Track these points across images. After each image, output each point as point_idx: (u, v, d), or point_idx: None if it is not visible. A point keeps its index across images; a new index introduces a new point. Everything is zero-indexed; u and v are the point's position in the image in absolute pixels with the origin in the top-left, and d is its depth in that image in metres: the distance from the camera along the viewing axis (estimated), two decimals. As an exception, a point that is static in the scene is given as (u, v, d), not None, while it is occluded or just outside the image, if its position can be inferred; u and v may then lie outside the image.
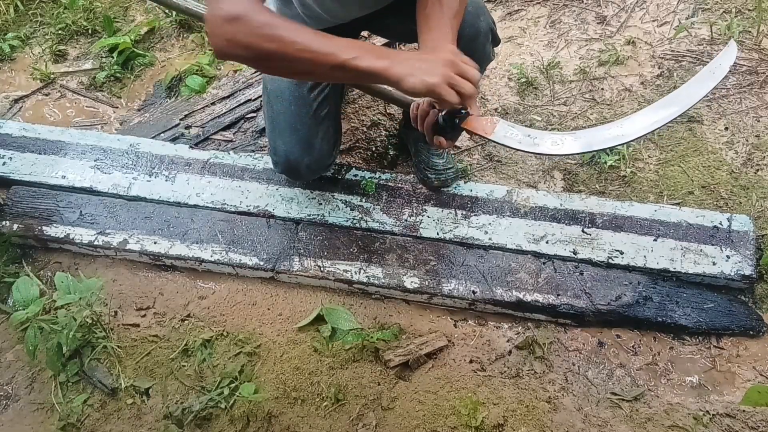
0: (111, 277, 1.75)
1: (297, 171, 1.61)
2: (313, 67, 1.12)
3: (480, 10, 1.50)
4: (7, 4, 2.46)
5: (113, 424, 1.53)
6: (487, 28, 1.52)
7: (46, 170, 1.86)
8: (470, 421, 1.46)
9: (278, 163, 1.61)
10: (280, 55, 1.10)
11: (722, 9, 2.19)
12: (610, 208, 1.69)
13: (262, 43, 1.08)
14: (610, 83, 2.07)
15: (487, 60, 1.62)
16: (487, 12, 1.53)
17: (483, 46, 1.53)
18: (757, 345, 1.55)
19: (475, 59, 1.56)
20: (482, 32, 1.50)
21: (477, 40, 1.50)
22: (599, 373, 1.55)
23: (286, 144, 1.55)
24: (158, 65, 2.31)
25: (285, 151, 1.56)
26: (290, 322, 1.65)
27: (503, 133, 1.22)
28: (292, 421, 1.50)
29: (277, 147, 1.57)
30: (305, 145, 1.55)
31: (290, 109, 1.53)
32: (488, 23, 1.52)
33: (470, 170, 1.89)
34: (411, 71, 1.12)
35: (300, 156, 1.56)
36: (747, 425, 1.43)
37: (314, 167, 1.60)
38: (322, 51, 1.10)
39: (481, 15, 1.50)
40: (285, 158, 1.57)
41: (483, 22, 1.50)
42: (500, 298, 1.60)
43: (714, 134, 1.90)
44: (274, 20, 1.10)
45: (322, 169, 1.67)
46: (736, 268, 1.58)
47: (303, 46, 1.09)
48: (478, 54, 1.53)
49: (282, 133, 1.55)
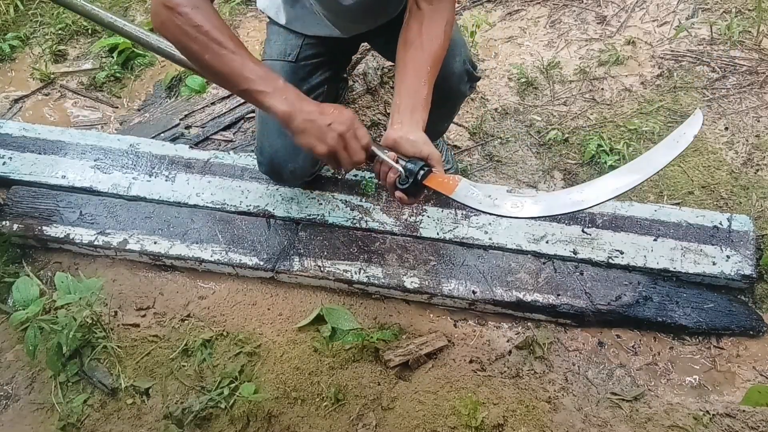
0: (111, 277, 1.75)
1: (279, 175, 1.61)
2: (223, 82, 1.17)
3: (457, 49, 1.47)
4: (7, 4, 2.47)
5: (113, 424, 1.53)
6: (462, 69, 1.50)
7: (46, 170, 1.86)
8: (470, 421, 1.46)
9: (262, 164, 1.61)
10: (197, 57, 1.14)
11: (722, 9, 2.19)
12: (610, 208, 1.69)
13: (185, 40, 1.12)
14: (610, 83, 2.07)
15: (462, 97, 1.62)
16: (465, 50, 1.51)
17: (457, 85, 1.52)
18: (757, 345, 1.55)
19: (450, 98, 1.58)
20: (456, 73, 1.49)
21: (450, 80, 1.48)
22: (599, 373, 1.55)
23: (273, 147, 1.55)
24: (158, 65, 2.31)
25: (270, 154, 1.56)
26: (290, 322, 1.65)
27: (464, 193, 1.22)
28: (292, 421, 1.50)
29: (264, 148, 1.57)
30: (291, 152, 1.54)
31: None
32: (464, 64, 1.50)
33: (470, 170, 1.89)
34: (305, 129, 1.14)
35: (284, 161, 1.55)
36: (747, 425, 1.43)
37: (298, 173, 1.60)
38: (235, 71, 1.13)
39: (458, 55, 1.47)
40: (269, 160, 1.57)
41: (458, 62, 1.48)
42: (500, 298, 1.60)
43: (714, 134, 1.90)
44: (207, 23, 1.12)
45: (306, 176, 1.67)
46: (736, 268, 1.58)
47: (220, 59, 1.12)
48: (451, 92, 1.53)
49: (270, 136, 1.54)
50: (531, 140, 1.96)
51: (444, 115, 1.68)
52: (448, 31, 1.30)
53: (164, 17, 1.12)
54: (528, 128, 1.99)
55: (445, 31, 1.28)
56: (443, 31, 1.28)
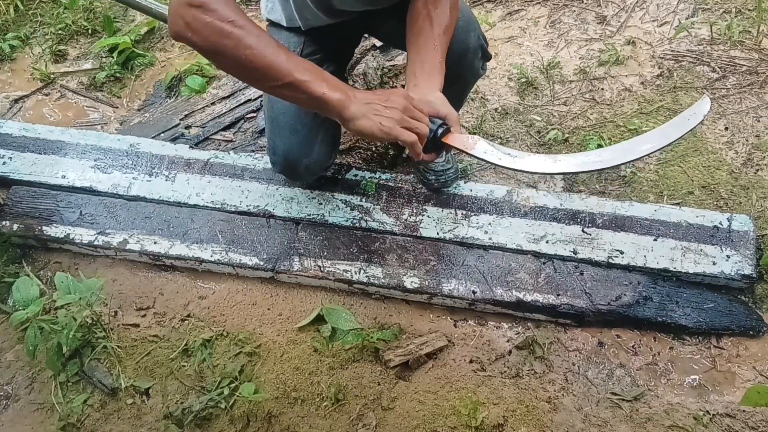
0: (111, 277, 1.75)
1: (296, 171, 1.60)
2: (262, 77, 1.11)
3: (471, 25, 1.49)
4: (7, 4, 2.47)
5: (113, 424, 1.53)
6: (476, 45, 1.50)
7: (46, 170, 1.86)
8: (470, 421, 1.46)
9: (276, 163, 1.60)
10: (231, 54, 1.08)
11: (722, 9, 2.19)
12: (610, 208, 1.69)
13: (218, 37, 1.07)
14: (610, 83, 2.07)
15: (477, 76, 1.62)
16: (478, 27, 1.52)
17: (472, 62, 1.53)
18: (757, 345, 1.55)
19: (465, 75, 1.58)
20: (471, 49, 1.49)
21: (466, 57, 1.49)
22: (599, 373, 1.55)
23: (286, 144, 1.54)
24: (158, 65, 2.31)
25: (284, 152, 1.55)
26: (290, 322, 1.65)
27: (483, 150, 1.28)
28: (292, 421, 1.50)
29: (276, 147, 1.57)
30: (305, 146, 1.55)
31: (290, 109, 1.52)
32: (478, 39, 1.51)
33: (470, 170, 1.89)
34: (365, 112, 1.13)
35: (299, 157, 1.55)
36: (747, 425, 1.43)
37: (313, 168, 1.60)
38: (276, 63, 1.09)
39: (472, 31, 1.48)
40: (284, 158, 1.56)
41: (473, 38, 1.49)
42: (500, 298, 1.60)
43: (714, 134, 1.90)
44: (240, 19, 1.08)
45: (320, 170, 1.66)
46: (736, 267, 1.58)
47: (259, 52, 1.08)
48: (466, 70, 1.54)
49: (282, 133, 1.54)
50: (531, 140, 1.96)
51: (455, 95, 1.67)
52: (454, 1, 1.33)
53: (189, 18, 1.06)
54: (528, 128, 1.99)
55: (451, 1, 1.32)
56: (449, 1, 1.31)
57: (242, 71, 1.15)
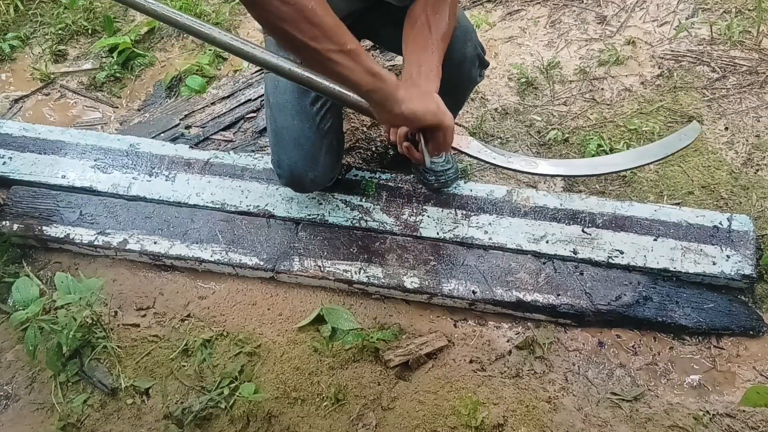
0: (111, 277, 1.75)
1: (302, 185, 1.60)
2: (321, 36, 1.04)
3: (468, 35, 1.49)
4: (7, 4, 2.47)
5: (113, 424, 1.53)
6: (473, 54, 1.51)
7: (46, 170, 1.86)
8: (470, 421, 1.46)
9: (282, 177, 1.59)
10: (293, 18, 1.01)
11: (722, 9, 2.19)
12: (610, 208, 1.69)
13: None
14: (610, 83, 2.07)
15: (474, 83, 1.63)
16: (475, 36, 1.52)
17: (469, 71, 1.54)
18: (757, 345, 1.55)
19: (462, 84, 1.59)
20: (468, 58, 1.50)
21: (463, 66, 1.50)
22: (599, 373, 1.55)
23: (291, 159, 1.54)
24: (158, 65, 2.31)
25: (289, 166, 1.55)
26: (290, 322, 1.65)
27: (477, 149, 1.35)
28: (292, 421, 1.50)
29: (282, 161, 1.56)
30: (310, 160, 1.54)
31: (293, 123, 1.52)
32: (475, 49, 1.51)
33: (470, 170, 1.89)
34: (412, 96, 1.14)
35: (304, 171, 1.55)
36: (747, 425, 1.43)
37: (319, 181, 1.60)
38: (339, 27, 1.05)
39: (469, 40, 1.49)
40: (290, 173, 1.56)
41: (470, 47, 1.49)
42: (500, 298, 1.60)
43: (714, 134, 1.90)
44: None
45: (326, 182, 1.66)
46: (737, 267, 1.58)
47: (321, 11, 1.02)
48: (464, 78, 1.55)
49: (286, 148, 1.54)
50: (531, 140, 1.96)
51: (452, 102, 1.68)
52: (453, 9, 1.34)
53: None
54: (528, 128, 1.99)
55: (450, 9, 1.32)
56: (448, 8, 1.32)
57: (302, 24, 1.04)
